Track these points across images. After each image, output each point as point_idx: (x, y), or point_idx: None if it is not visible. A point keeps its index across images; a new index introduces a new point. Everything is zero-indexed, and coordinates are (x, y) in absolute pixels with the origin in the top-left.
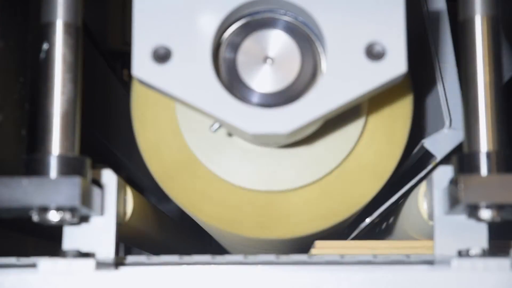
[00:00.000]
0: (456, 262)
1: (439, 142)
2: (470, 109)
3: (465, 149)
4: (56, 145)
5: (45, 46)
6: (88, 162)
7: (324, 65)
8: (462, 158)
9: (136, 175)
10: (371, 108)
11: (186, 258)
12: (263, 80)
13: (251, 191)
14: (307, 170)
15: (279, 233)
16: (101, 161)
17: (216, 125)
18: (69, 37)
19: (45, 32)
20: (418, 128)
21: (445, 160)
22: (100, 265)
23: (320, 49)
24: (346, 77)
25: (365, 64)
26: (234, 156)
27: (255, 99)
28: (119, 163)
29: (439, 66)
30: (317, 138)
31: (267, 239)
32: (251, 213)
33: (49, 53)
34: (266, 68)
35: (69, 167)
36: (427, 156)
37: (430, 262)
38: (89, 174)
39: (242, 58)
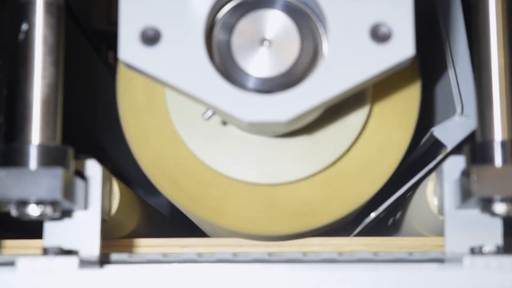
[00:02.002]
0: (468, 260)
1: (450, 131)
2: (483, 94)
3: (478, 137)
4: (36, 134)
5: (24, 26)
6: (70, 152)
7: (325, 47)
8: (475, 148)
9: (122, 166)
10: (377, 94)
11: (173, 256)
12: (259, 64)
13: (246, 184)
14: (307, 161)
15: (277, 228)
16: (84, 151)
17: (209, 113)
18: (50, 16)
19: (24, 11)
20: (427, 116)
21: (457, 150)
22: (84, 263)
23: (321, 30)
24: (349, 60)
25: (369, 47)
26: (229, 146)
27: (251, 84)
28: (104, 153)
29: (450, 48)
30: (318, 126)
31: (264, 235)
32: (246, 207)
33: (29, 33)
34: (263, 51)
35: (50, 157)
36: (437, 145)
37: (440, 260)
38: (72, 165)
39: (237, 40)
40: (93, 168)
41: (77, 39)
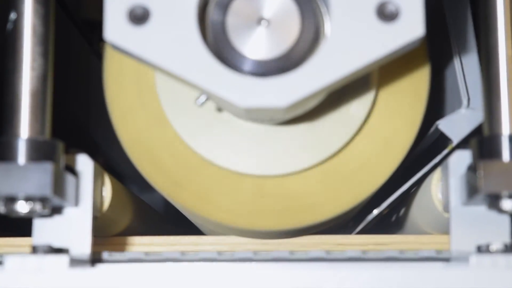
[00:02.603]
0: (474, 259)
1: (456, 124)
2: (490, 86)
3: (485, 131)
4: (24, 127)
5: (12, 15)
6: (60, 146)
7: (328, 27)
8: (482, 142)
9: (115, 161)
10: (382, 80)
11: (168, 255)
12: (257, 45)
13: (243, 175)
14: (307, 152)
15: (275, 224)
16: (75, 145)
17: (203, 98)
18: (39, 5)
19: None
20: (432, 108)
21: (463, 144)
22: (75, 262)
23: (323, 9)
24: (353, 41)
25: (375, 26)
26: (224, 134)
27: (247, 67)
28: (96, 148)
29: (456, 38)
30: (319, 114)
31: (262, 231)
32: (243, 201)
33: (17, 23)
34: (261, 31)
35: (39, 151)
36: (442, 139)
37: (445, 259)
38: (62, 159)
39: (233, 20)
40: (84, 163)
41: (67, 29)
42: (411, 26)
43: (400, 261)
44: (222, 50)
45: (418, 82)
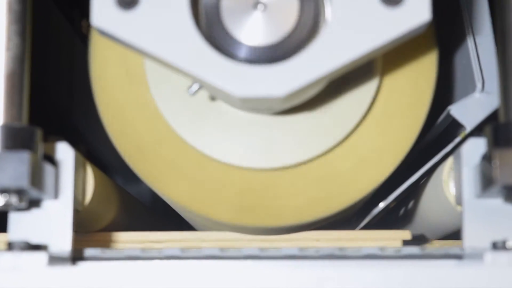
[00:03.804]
0: (489, 256)
1: (469, 109)
2: (507, 68)
3: (501, 117)
4: None
5: None
6: (39, 133)
7: (328, 11)
8: (497, 129)
9: (98, 150)
10: (387, 67)
11: (154, 252)
12: (253, 30)
13: (238, 168)
14: (308, 143)
15: (272, 220)
16: (55, 132)
17: (195, 87)
18: None
19: None
20: (444, 93)
21: (477, 131)
22: (54, 259)
23: None
24: (355, 26)
25: (379, 11)
26: (217, 125)
27: (243, 54)
28: (77, 135)
29: (470, 17)
30: (319, 103)
31: (258, 228)
32: (238, 195)
33: None
34: (257, 15)
35: (15, 139)
36: (454, 126)
37: (458, 257)
38: (40, 148)
39: (227, 3)
40: (65, 152)
41: (46, 6)
42: (417, 10)
43: (411, 259)
44: (216, 36)
45: (425, 67)
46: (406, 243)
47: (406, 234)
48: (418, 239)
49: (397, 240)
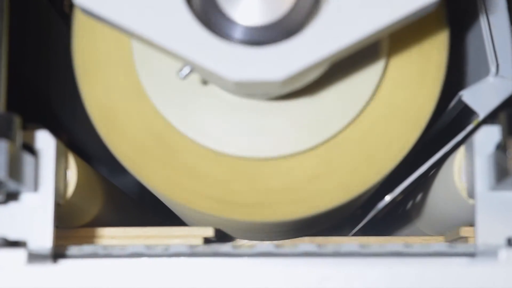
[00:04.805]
0: (504, 253)
1: (482, 95)
2: None
3: None
4: None
5: None
6: (17, 120)
7: None
8: None
9: (81, 139)
10: (394, 48)
11: (141, 249)
12: (248, 9)
13: (232, 157)
14: (306, 131)
15: (270, 214)
16: (35, 120)
17: (186, 70)
18: None
19: None
20: (455, 77)
21: (490, 119)
22: (34, 257)
23: None
24: (359, 5)
25: None
26: (210, 111)
27: (238, 34)
28: (59, 122)
29: None
30: (320, 88)
31: (254, 222)
32: (232, 187)
33: None
34: None
35: None
36: (466, 113)
37: (471, 254)
38: (19, 136)
39: None
40: (45, 141)
41: None
42: None
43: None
44: (209, 15)
45: (435, 48)
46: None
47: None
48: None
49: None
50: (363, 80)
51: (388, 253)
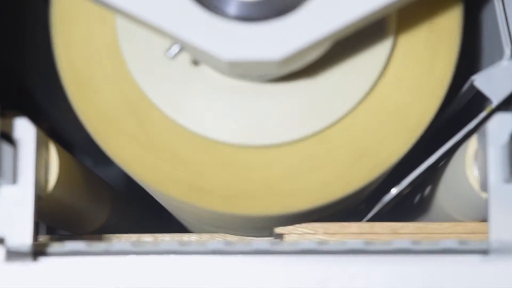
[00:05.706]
0: None
1: (496, 80)
2: None
3: None
4: None
5: None
6: None
7: None
8: None
9: (63, 128)
10: (402, 26)
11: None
12: None
13: (225, 145)
14: (306, 117)
15: (266, 207)
16: (13, 107)
17: (175, 49)
18: None
19: None
20: (467, 60)
21: (505, 105)
22: (12, 254)
23: None
24: None
25: None
26: (201, 94)
27: (232, 9)
28: (39, 110)
29: None
30: (321, 69)
31: (248, 216)
32: (225, 177)
33: None
34: None
35: None
36: (478, 99)
37: (484, 251)
38: None
39: None
40: (24, 129)
41: None
42: None
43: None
44: None
45: (447, 27)
46: None
47: None
48: None
49: None
50: (368, 62)
51: (395, 251)
